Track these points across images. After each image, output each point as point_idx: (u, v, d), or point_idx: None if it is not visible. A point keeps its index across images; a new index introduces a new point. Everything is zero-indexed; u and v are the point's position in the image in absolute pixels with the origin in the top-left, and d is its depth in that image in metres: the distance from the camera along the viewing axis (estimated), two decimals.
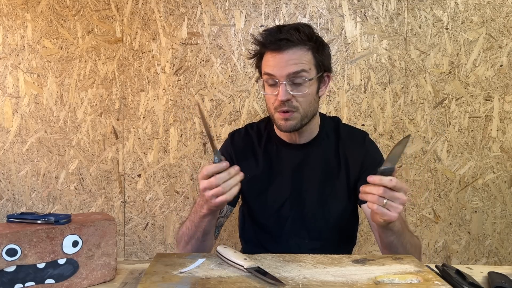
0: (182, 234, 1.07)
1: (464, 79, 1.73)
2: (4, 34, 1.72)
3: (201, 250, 1.06)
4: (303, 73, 1.05)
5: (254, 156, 1.19)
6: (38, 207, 1.77)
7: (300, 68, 1.04)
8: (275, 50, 1.05)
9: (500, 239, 1.78)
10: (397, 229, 0.95)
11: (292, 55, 1.04)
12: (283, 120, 1.08)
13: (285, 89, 1.04)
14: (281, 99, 1.04)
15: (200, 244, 1.05)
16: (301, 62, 1.05)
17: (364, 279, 0.78)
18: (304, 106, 1.07)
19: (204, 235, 1.03)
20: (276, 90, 1.06)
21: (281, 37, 1.04)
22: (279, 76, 1.05)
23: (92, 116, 1.75)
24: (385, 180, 0.85)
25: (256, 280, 0.76)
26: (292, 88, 1.05)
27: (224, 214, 1.17)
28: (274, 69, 1.05)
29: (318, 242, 1.14)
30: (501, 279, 0.84)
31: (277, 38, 1.04)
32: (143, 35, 1.73)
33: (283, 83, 1.04)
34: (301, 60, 1.05)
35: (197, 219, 1.00)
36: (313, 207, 1.16)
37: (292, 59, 1.04)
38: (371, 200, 0.87)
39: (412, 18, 1.72)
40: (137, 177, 1.77)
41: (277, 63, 1.05)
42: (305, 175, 1.16)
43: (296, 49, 1.05)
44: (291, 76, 1.04)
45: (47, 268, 0.76)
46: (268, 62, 1.08)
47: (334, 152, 1.18)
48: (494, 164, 1.76)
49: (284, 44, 1.04)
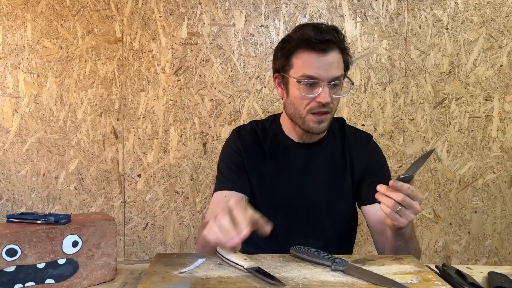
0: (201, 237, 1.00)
1: (464, 79, 1.73)
2: (4, 34, 1.72)
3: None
4: (341, 76, 1.05)
5: (261, 153, 1.18)
6: (38, 207, 1.77)
7: (341, 72, 1.05)
8: (320, 51, 1.02)
9: (500, 239, 1.78)
10: (407, 235, 0.97)
11: (335, 58, 1.04)
12: (316, 123, 1.07)
13: (328, 91, 1.02)
14: (325, 102, 1.03)
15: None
16: (340, 66, 1.05)
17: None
18: (334, 108, 1.09)
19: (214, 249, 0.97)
20: (313, 91, 1.04)
21: (327, 38, 1.02)
22: (323, 78, 1.03)
23: (92, 116, 1.75)
24: (405, 187, 0.86)
25: (256, 280, 0.76)
26: (332, 91, 1.04)
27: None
28: (318, 71, 1.03)
29: (322, 241, 1.14)
30: (501, 279, 0.83)
31: (323, 38, 1.02)
32: (143, 35, 1.73)
33: (326, 85, 1.02)
34: (340, 63, 1.05)
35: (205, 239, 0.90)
36: (319, 206, 1.16)
37: (335, 62, 1.03)
38: (387, 203, 0.87)
39: (412, 18, 1.72)
40: (137, 177, 1.77)
41: (321, 65, 1.02)
42: (312, 174, 1.16)
43: (336, 52, 1.04)
44: (335, 79, 1.03)
45: (47, 268, 0.76)
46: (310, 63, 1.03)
47: (340, 152, 1.18)
48: (494, 164, 1.75)
49: (328, 45, 1.02)
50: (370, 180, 1.14)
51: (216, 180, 1.18)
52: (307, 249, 0.89)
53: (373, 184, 1.14)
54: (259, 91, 1.73)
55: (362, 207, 1.16)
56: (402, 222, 0.87)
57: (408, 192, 0.85)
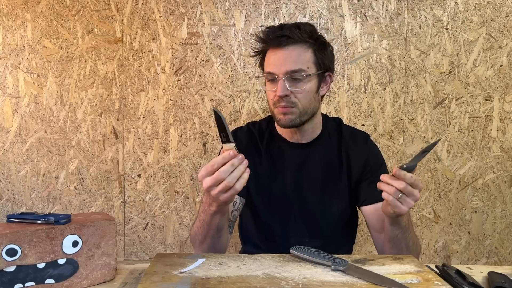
0: (195, 234, 1.05)
1: (464, 79, 1.73)
2: (4, 34, 1.72)
3: (217, 247, 1.03)
4: (302, 70, 1.07)
5: (257, 153, 1.19)
6: (38, 207, 1.77)
7: (298, 66, 1.06)
8: (276, 47, 1.07)
9: (500, 239, 1.78)
10: (404, 224, 0.99)
11: (292, 52, 1.06)
12: (282, 114, 1.09)
13: (283, 84, 1.06)
14: (279, 95, 1.06)
15: (216, 241, 1.02)
16: (299, 60, 1.06)
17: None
18: (303, 102, 1.08)
19: (218, 232, 1.00)
20: (275, 86, 1.08)
21: (282, 34, 1.06)
22: (278, 72, 1.07)
23: (92, 116, 1.75)
24: (408, 176, 0.88)
25: (256, 280, 0.76)
26: (290, 84, 1.07)
27: (237, 207, 1.15)
28: (273, 66, 1.08)
29: (318, 240, 1.15)
30: (501, 279, 0.84)
31: (278, 34, 1.06)
32: (143, 35, 1.73)
33: (282, 79, 1.06)
34: (300, 58, 1.06)
35: (208, 218, 0.97)
36: (314, 206, 1.16)
37: (291, 56, 1.06)
38: (388, 191, 0.90)
39: (412, 18, 1.72)
40: (137, 177, 1.77)
41: (277, 60, 1.07)
42: (307, 174, 1.16)
43: (296, 46, 1.06)
44: (289, 72, 1.06)
45: (47, 268, 0.76)
46: (269, 59, 1.10)
47: (336, 152, 1.18)
48: (494, 164, 1.76)
49: (284, 40, 1.06)
50: (369, 180, 1.15)
51: None
52: (307, 249, 0.89)
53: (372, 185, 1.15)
54: (259, 91, 1.73)
55: (362, 207, 1.17)
56: (403, 209, 0.90)
57: (411, 181, 0.88)
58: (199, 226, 1.02)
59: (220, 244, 1.04)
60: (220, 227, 0.99)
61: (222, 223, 1.00)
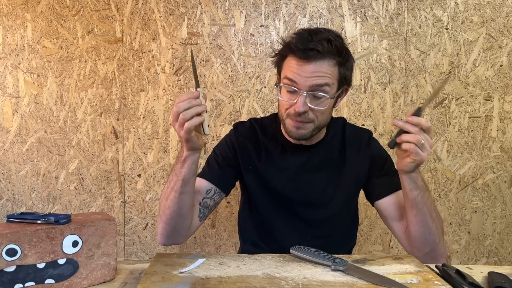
0: (162, 194, 1.04)
1: (464, 79, 1.73)
2: (4, 34, 1.72)
3: (179, 205, 1.00)
4: (326, 88, 1.01)
5: (256, 149, 1.19)
6: (38, 207, 1.77)
7: (324, 82, 1.00)
8: (302, 59, 1.00)
9: (500, 239, 1.78)
10: (420, 184, 0.98)
11: (319, 68, 1.00)
12: (294, 128, 1.05)
13: (304, 100, 1.00)
14: (299, 111, 1.00)
15: (179, 197, 0.99)
16: (326, 76, 1.00)
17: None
18: (319, 119, 1.05)
19: (183, 186, 0.98)
20: (294, 98, 1.02)
21: (310, 47, 0.99)
22: (301, 86, 1.00)
23: (92, 116, 1.75)
24: (422, 121, 0.89)
25: (256, 280, 0.76)
26: (311, 100, 1.01)
27: (211, 197, 1.13)
28: (297, 77, 1.00)
29: (320, 240, 1.15)
30: (501, 279, 0.84)
31: (307, 47, 0.99)
32: (143, 35, 1.73)
33: (304, 94, 1.00)
34: (327, 74, 1.00)
35: (178, 167, 0.98)
36: (316, 206, 1.16)
37: (318, 72, 1.00)
38: (412, 139, 0.89)
39: (412, 18, 1.72)
40: (137, 177, 1.77)
41: (302, 72, 1.00)
42: (310, 173, 1.16)
43: (324, 62, 1.00)
44: (313, 88, 1.00)
45: (47, 268, 0.76)
46: (292, 67, 1.02)
47: (339, 153, 1.17)
48: (494, 164, 1.76)
49: (313, 54, 0.99)
50: (378, 174, 1.15)
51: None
52: (307, 249, 0.89)
53: (383, 178, 1.15)
54: (259, 91, 1.73)
55: (377, 202, 1.15)
56: (423, 155, 0.90)
57: (427, 125, 0.89)
58: (168, 180, 1.02)
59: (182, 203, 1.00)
60: (186, 179, 0.98)
61: (189, 176, 0.98)
